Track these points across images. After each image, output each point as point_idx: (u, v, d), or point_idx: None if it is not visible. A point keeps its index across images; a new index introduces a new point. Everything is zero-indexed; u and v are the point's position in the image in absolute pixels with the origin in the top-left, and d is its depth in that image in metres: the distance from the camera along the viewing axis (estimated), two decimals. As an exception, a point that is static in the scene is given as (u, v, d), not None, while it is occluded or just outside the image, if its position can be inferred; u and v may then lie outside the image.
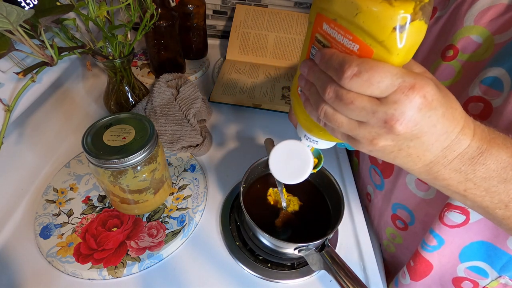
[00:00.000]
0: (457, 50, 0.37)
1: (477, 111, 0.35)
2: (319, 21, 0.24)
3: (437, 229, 0.39)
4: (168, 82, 0.64)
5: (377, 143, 0.22)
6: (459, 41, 0.37)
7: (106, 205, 0.46)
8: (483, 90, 0.34)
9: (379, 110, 0.20)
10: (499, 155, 0.23)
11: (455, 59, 0.38)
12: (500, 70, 0.32)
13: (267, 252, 0.43)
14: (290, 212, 0.44)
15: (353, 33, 0.21)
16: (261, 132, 0.63)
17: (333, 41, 0.23)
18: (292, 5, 0.85)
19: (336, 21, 0.22)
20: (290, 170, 0.32)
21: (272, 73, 0.77)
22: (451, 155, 0.23)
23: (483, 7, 0.35)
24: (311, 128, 0.30)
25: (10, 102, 0.42)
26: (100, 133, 0.38)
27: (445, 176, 0.24)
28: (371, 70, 0.20)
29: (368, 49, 0.21)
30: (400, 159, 0.24)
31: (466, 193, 0.25)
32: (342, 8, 0.21)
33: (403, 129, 0.20)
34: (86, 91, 0.67)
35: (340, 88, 0.21)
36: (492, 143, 0.23)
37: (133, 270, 0.41)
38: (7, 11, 0.31)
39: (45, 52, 0.39)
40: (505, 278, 0.37)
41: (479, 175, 0.23)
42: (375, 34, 0.20)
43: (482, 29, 0.35)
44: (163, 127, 0.56)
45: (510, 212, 0.25)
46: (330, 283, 0.42)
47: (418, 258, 0.42)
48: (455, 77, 0.38)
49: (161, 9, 0.60)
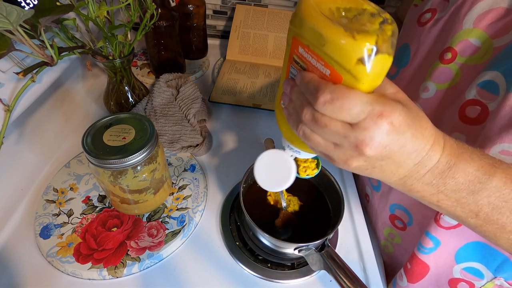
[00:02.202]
0: (455, 53, 0.37)
1: (474, 115, 0.35)
2: (295, 44, 0.25)
3: (433, 231, 0.39)
4: (168, 82, 0.64)
5: (351, 164, 0.24)
6: (458, 44, 0.37)
7: (106, 205, 0.46)
8: (480, 93, 0.34)
9: (350, 135, 0.22)
10: (466, 169, 0.24)
11: (453, 62, 0.38)
12: (496, 73, 0.32)
13: (267, 252, 0.43)
14: (290, 212, 0.44)
15: (324, 59, 0.22)
16: (261, 132, 0.63)
17: (308, 64, 0.24)
18: (292, 5, 0.85)
19: (309, 47, 0.23)
20: (275, 178, 0.34)
21: (272, 73, 0.77)
22: (423, 170, 0.24)
23: (483, 10, 0.35)
24: (293, 140, 0.32)
25: (10, 102, 0.42)
26: (100, 133, 0.38)
27: (419, 189, 0.25)
28: (343, 97, 0.21)
29: (338, 75, 0.22)
30: (375, 175, 0.25)
31: (439, 203, 0.26)
32: (312, 37, 0.22)
33: (372, 152, 0.22)
34: (86, 91, 0.67)
35: (316, 112, 0.23)
36: (460, 157, 0.24)
37: (133, 270, 0.41)
38: (7, 11, 0.31)
39: (45, 52, 0.39)
40: (500, 279, 0.37)
41: (449, 187, 0.25)
42: (342, 63, 0.21)
43: (481, 32, 0.35)
44: (163, 127, 0.56)
45: (481, 220, 0.26)
46: (330, 283, 0.42)
47: (415, 260, 0.43)
48: (453, 80, 0.38)
49: (161, 9, 0.60)
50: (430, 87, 0.40)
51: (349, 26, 0.21)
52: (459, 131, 0.36)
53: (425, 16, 0.43)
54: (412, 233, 0.46)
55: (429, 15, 0.42)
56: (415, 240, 0.45)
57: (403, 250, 0.49)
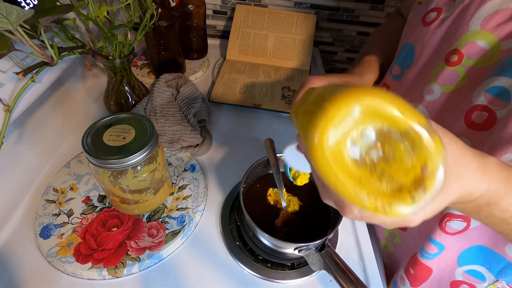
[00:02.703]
0: (461, 55, 0.36)
1: (481, 120, 0.34)
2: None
3: (437, 237, 0.39)
4: (168, 82, 0.64)
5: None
6: (464, 46, 0.36)
7: (106, 205, 0.46)
8: (489, 99, 0.33)
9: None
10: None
11: (460, 64, 0.37)
12: (508, 80, 0.31)
13: (267, 252, 0.43)
14: (290, 212, 0.44)
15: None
16: (261, 132, 0.63)
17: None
18: (292, 5, 0.85)
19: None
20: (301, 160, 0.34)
21: (272, 73, 0.77)
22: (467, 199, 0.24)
23: (490, 11, 0.34)
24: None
25: (10, 102, 0.42)
26: (100, 133, 0.38)
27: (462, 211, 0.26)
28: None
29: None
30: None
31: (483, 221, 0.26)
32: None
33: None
34: (86, 91, 0.67)
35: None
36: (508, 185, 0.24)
37: (133, 270, 0.41)
38: (7, 11, 0.31)
39: (45, 52, 0.39)
40: (502, 282, 0.37)
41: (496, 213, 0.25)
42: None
43: (489, 34, 0.34)
44: (163, 127, 0.56)
45: None
46: (330, 283, 0.42)
47: (418, 266, 0.42)
48: (459, 82, 0.37)
49: (161, 9, 0.60)
50: (435, 90, 0.40)
51: (374, 190, 0.18)
52: (465, 136, 0.36)
53: (430, 16, 0.42)
54: (412, 235, 0.46)
55: (434, 15, 0.41)
56: (415, 242, 0.45)
57: (402, 250, 0.49)
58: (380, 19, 0.87)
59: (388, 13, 0.85)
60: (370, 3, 0.83)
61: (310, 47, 0.80)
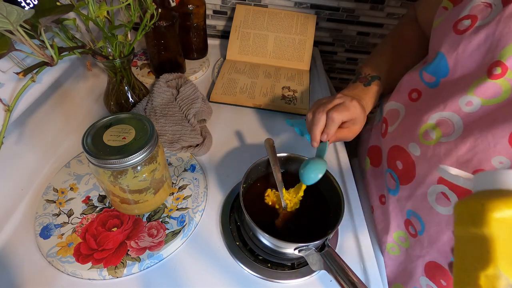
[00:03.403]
0: (506, 68, 0.34)
1: None
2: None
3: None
4: (168, 82, 0.64)
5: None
6: (508, 59, 0.34)
7: (106, 205, 0.46)
8: None
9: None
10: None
11: (503, 77, 0.35)
12: None
13: (267, 252, 0.43)
14: (290, 212, 0.44)
15: None
16: (261, 132, 0.63)
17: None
18: (292, 5, 0.85)
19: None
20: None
21: (272, 73, 0.77)
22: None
23: None
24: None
25: (10, 102, 0.42)
26: (100, 133, 0.38)
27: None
28: None
29: None
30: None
31: None
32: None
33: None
34: (86, 91, 0.67)
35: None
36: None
37: (133, 270, 0.41)
38: (7, 11, 0.31)
39: (45, 52, 0.39)
40: None
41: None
42: None
43: None
44: (163, 127, 0.56)
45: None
46: (330, 283, 0.42)
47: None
48: (501, 96, 0.36)
49: (161, 9, 0.60)
50: (474, 102, 0.38)
51: None
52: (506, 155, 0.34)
53: (463, 23, 0.39)
54: (420, 242, 0.45)
55: (468, 22, 0.38)
56: (422, 249, 0.44)
57: (408, 256, 0.49)
58: (380, 19, 0.87)
59: (388, 13, 0.85)
60: (370, 3, 0.83)
61: (310, 47, 0.80)
